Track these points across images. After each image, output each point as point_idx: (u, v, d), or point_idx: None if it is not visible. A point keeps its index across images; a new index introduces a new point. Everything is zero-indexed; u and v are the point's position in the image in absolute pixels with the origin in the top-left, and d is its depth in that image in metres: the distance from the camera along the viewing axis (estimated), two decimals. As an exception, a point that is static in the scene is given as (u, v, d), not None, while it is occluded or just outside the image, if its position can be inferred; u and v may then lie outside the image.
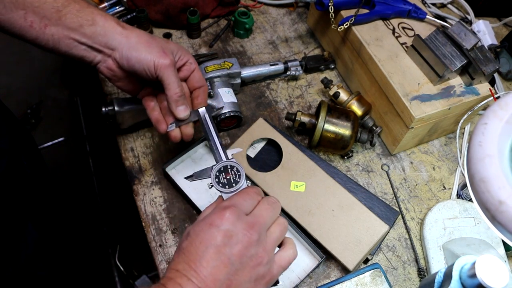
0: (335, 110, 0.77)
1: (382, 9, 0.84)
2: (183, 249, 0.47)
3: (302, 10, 1.04)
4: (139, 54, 0.59)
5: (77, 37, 0.58)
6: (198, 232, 0.47)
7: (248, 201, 0.51)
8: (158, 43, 0.61)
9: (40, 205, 0.83)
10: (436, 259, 0.70)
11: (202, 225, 0.48)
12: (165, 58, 0.59)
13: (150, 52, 0.59)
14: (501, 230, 0.37)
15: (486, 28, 0.98)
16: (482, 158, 0.38)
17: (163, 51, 0.60)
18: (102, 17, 0.59)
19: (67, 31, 0.57)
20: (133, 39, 0.60)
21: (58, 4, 0.56)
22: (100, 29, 0.58)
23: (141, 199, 0.73)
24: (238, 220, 0.47)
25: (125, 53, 0.59)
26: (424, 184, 0.81)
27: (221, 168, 0.58)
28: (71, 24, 0.57)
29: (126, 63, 0.60)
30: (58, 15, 0.56)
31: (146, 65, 0.59)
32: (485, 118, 0.40)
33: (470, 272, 0.46)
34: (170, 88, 0.60)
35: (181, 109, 0.62)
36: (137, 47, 0.59)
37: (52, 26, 0.56)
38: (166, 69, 0.60)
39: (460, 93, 0.77)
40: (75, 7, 0.57)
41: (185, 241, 0.48)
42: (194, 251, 0.46)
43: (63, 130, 1.92)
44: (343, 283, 0.66)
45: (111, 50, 0.60)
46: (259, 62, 0.93)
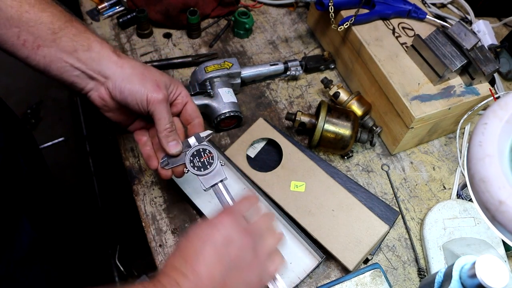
0: (335, 110, 0.77)
1: (382, 9, 0.84)
2: (180, 247, 0.48)
3: (302, 10, 1.04)
4: (132, 86, 0.58)
5: (71, 61, 0.56)
6: (198, 232, 0.48)
7: (247, 206, 0.53)
8: (153, 76, 0.59)
9: (38, 204, 0.83)
10: (436, 259, 0.70)
11: (203, 226, 0.49)
12: (158, 92, 0.58)
13: (144, 85, 0.58)
14: (501, 230, 0.37)
15: (486, 28, 0.97)
16: (482, 158, 0.38)
17: (157, 85, 0.59)
18: (98, 44, 0.58)
19: (60, 54, 0.55)
20: (128, 70, 0.58)
21: (54, 26, 0.55)
22: (95, 55, 0.57)
23: (141, 199, 0.73)
24: (238, 226, 0.49)
25: (118, 84, 0.58)
26: (424, 184, 0.81)
27: (194, 153, 0.60)
28: (66, 47, 0.55)
29: (118, 94, 0.58)
30: (53, 37, 0.55)
31: (139, 98, 0.58)
32: (485, 118, 0.40)
33: (470, 272, 0.46)
34: (161, 123, 0.59)
35: (172, 144, 0.60)
36: (131, 79, 0.58)
37: (45, 48, 0.55)
38: (158, 104, 0.58)
39: (460, 93, 0.77)
40: (72, 31, 0.56)
41: (183, 240, 0.48)
42: (192, 247, 0.47)
43: (63, 130, 1.92)
44: (343, 283, 0.66)
45: (104, 78, 0.58)
46: (259, 62, 0.93)
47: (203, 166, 0.59)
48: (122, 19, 0.93)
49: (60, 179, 1.69)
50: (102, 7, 0.96)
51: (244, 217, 0.52)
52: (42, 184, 0.89)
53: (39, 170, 0.90)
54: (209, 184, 0.59)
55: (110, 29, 0.94)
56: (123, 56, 0.59)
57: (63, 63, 0.56)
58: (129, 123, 0.65)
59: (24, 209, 0.73)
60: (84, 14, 0.96)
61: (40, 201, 0.85)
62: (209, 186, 0.60)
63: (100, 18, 0.96)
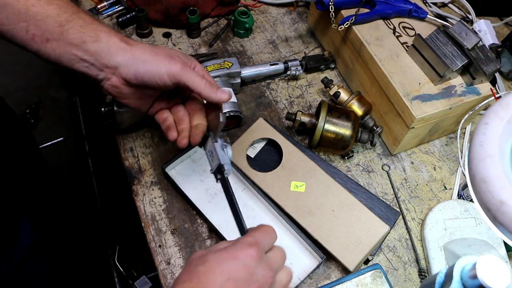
0: (335, 110, 0.77)
1: (383, 9, 0.83)
2: (199, 273, 0.45)
3: (302, 9, 1.04)
4: (146, 66, 0.57)
5: (79, 54, 0.56)
6: (220, 261, 0.46)
7: (269, 240, 0.51)
8: (163, 51, 0.59)
9: (38, 203, 0.83)
10: (437, 260, 0.69)
11: (225, 256, 0.47)
12: (175, 63, 0.58)
13: (158, 62, 0.58)
14: (502, 231, 0.37)
15: (487, 28, 0.97)
16: (483, 158, 0.38)
17: (170, 57, 0.58)
18: (106, 34, 0.57)
19: (69, 47, 0.55)
20: (138, 52, 0.58)
21: (61, 18, 0.55)
22: (103, 46, 0.57)
23: (140, 199, 0.73)
24: (261, 260, 0.47)
25: (132, 68, 0.57)
26: (425, 184, 0.80)
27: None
28: (74, 40, 0.55)
29: (134, 77, 0.58)
30: (60, 30, 0.55)
31: (157, 75, 0.57)
32: (486, 118, 0.40)
33: (471, 273, 0.46)
34: (197, 83, 0.58)
35: (220, 91, 0.59)
36: (144, 59, 0.58)
37: (53, 41, 0.55)
38: (181, 72, 0.58)
39: (461, 93, 0.77)
40: (79, 23, 0.56)
41: (201, 266, 0.46)
42: (213, 279, 0.44)
43: (62, 130, 1.91)
44: (343, 283, 0.66)
45: (114, 68, 0.58)
46: (259, 61, 0.93)
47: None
48: (121, 18, 0.93)
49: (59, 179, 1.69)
50: (102, 7, 0.95)
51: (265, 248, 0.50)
52: (42, 183, 0.89)
53: (39, 170, 0.90)
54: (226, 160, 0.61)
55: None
56: (132, 42, 0.59)
57: (72, 56, 0.56)
58: (149, 106, 0.64)
59: (25, 209, 0.73)
60: (84, 13, 0.96)
61: (40, 200, 0.85)
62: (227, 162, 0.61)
63: (100, 17, 0.95)
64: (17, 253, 0.69)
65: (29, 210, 0.75)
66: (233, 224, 0.60)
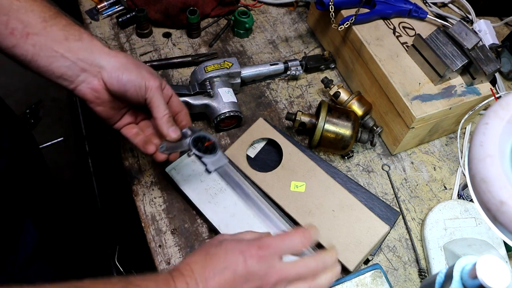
0: (335, 110, 0.77)
1: (383, 9, 0.83)
2: (209, 252, 0.48)
3: (302, 9, 1.04)
4: (130, 74, 0.58)
5: (62, 50, 0.55)
6: (229, 250, 0.48)
7: (289, 246, 0.50)
8: (145, 66, 0.60)
9: (40, 204, 0.83)
10: (437, 260, 0.69)
11: (236, 247, 0.48)
12: (155, 79, 0.59)
13: (140, 73, 0.58)
14: (502, 231, 0.37)
15: (487, 28, 0.97)
16: (483, 158, 0.38)
17: (151, 73, 0.60)
18: (89, 36, 0.57)
19: (51, 43, 0.54)
20: (122, 59, 0.58)
21: (45, 14, 0.54)
22: (87, 45, 0.56)
23: (140, 199, 0.73)
24: (266, 262, 0.48)
25: (115, 73, 0.57)
26: (425, 184, 0.80)
27: (195, 138, 0.61)
28: (57, 36, 0.54)
29: (116, 82, 0.57)
30: (43, 25, 0.54)
31: (137, 85, 0.58)
32: (486, 118, 0.40)
33: (471, 273, 0.46)
34: (160, 109, 0.59)
35: (172, 129, 0.60)
36: (128, 67, 0.58)
37: (35, 36, 0.53)
38: (156, 91, 0.59)
39: (461, 93, 0.77)
40: (62, 22, 0.56)
41: (214, 248, 0.49)
42: (215, 262, 0.47)
43: (62, 130, 1.91)
44: (343, 283, 0.66)
45: (98, 69, 0.57)
46: (259, 61, 0.93)
47: (207, 151, 0.61)
48: (121, 18, 0.93)
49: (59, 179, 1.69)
50: (102, 7, 0.95)
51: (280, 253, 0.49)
52: (43, 184, 0.89)
53: (40, 170, 0.90)
54: (215, 166, 0.62)
55: (110, 28, 0.94)
56: (113, 50, 0.59)
57: (53, 52, 0.55)
58: (117, 120, 0.64)
59: (28, 210, 0.73)
60: (83, 13, 0.96)
61: (41, 201, 0.85)
62: (215, 168, 0.61)
63: (100, 17, 0.96)
64: (21, 255, 0.68)
65: (32, 211, 0.75)
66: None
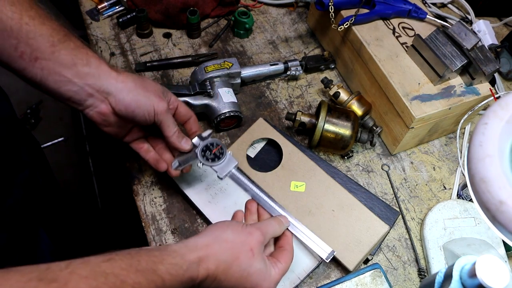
0: (335, 110, 0.77)
1: (382, 9, 0.83)
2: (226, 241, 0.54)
3: (302, 10, 1.04)
4: (138, 99, 0.58)
5: (69, 75, 0.55)
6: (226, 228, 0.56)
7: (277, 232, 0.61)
8: (152, 87, 0.61)
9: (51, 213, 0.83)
10: (437, 259, 0.70)
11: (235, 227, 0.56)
12: (163, 102, 0.60)
13: (149, 97, 0.59)
14: (502, 230, 0.37)
15: (486, 28, 0.97)
16: (482, 158, 0.38)
17: (159, 96, 0.60)
18: (97, 60, 0.57)
19: (59, 67, 0.54)
20: (130, 83, 0.58)
21: (54, 39, 0.54)
22: (94, 71, 0.56)
23: (141, 199, 0.73)
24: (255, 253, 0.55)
25: (123, 98, 0.58)
26: (425, 184, 0.81)
27: (203, 148, 0.64)
28: (65, 60, 0.55)
29: (124, 108, 0.58)
30: (52, 50, 0.54)
31: (146, 110, 0.59)
32: (485, 118, 0.40)
33: (470, 273, 0.46)
34: (170, 129, 0.62)
35: (184, 141, 0.63)
36: (135, 92, 0.58)
37: (43, 60, 0.54)
38: (165, 113, 0.61)
39: (460, 93, 0.77)
40: (70, 45, 0.55)
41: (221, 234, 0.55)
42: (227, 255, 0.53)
43: (62, 130, 1.92)
44: (343, 283, 0.66)
45: (105, 95, 0.58)
46: (259, 62, 0.93)
47: (216, 157, 0.64)
48: (121, 19, 0.93)
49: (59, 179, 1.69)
50: (102, 7, 0.95)
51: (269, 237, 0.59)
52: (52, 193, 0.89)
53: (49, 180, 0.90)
54: (224, 172, 0.64)
55: (110, 29, 0.94)
56: (121, 71, 0.59)
57: (61, 77, 0.55)
58: (125, 134, 0.65)
59: (41, 221, 0.74)
60: (84, 14, 0.96)
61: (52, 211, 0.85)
62: (225, 174, 0.64)
63: (100, 18, 0.96)
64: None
65: (45, 221, 0.75)
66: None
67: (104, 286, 0.39)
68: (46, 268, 0.37)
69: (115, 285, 0.40)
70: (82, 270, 0.39)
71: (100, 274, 0.40)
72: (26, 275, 0.35)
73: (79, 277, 0.38)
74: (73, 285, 0.37)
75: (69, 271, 0.38)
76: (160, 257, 0.47)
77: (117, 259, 0.43)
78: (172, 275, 0.47)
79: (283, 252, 0.60)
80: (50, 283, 0.35)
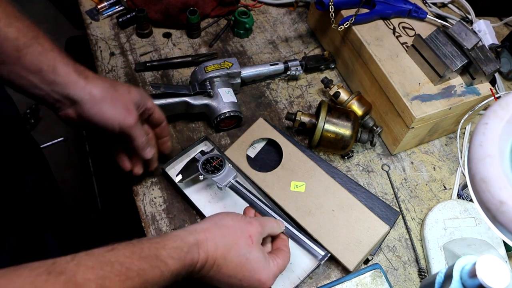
0: (335, 110, 0.77)
1: (383, 9, 0.83)
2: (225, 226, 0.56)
3: (302, 9, 1.04)
4: (104, 113, 0.58)
5: (35, 81, 0.54)
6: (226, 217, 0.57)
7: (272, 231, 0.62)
8: (122, 98, 0.60)
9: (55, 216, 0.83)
10: (437, 260, 0.69)
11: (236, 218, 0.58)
12: (130, 116, 0.60)
13: (115, 111, 0.58)
14: (502, 230, 0.37)
15: (486, 28, 0.97)
16: (482, 158, 0.38)
17: (127, 109, 0.60)
18: (64, 66, 0.55)
19: (25, 72, 0.53)
20: (97, 95, 0.57)
21: (19, 42, 0.52)
22: (61, 79, 0.55)
23: (140, 199, 0.73)
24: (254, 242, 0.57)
25: (88, 110, 0.57)
26: (425, 184, 0.80)
27: (204, 161, 0.70)
28: (30, 66, 0.53)
29: (89, 118, 0.58)
30: (17, 54, 0.52)
31: (110, 124, 0.59)
32: (486, 118, 0.40)
33: (471, 273, 0.46)
34: (137, 141, 0.63)
35: (148, 150, 0.65)
36: (102, 105, 0.57)
37: (9, 64, 0.53)
38: (131, 128, 0.60)
39: (460, 93, 0.77)
40: (37, 49, 0.54)
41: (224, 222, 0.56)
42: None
43: (62, 130, 1.91)
44: (343, 283, 0.66)
45: (72, 102, 0.57)
46: (259, 62, 0.93)
47: (216, 169, 0.69)
48: (121, 18, 0.93)
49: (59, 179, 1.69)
50: (102, 7, 0.95)
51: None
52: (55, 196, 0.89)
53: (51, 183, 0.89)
54: (224, 182, 0.69)
55: (110, 28, 0.94)
56: (91, 78, 0.58)
57: (28, 81, 0.54)
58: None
59: (47, 224, 0.74)
60: (84, 13, 0.96)
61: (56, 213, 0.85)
62: (224, 184, 0.69)
63: (100, 17, 0.96)
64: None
65: (50, 224, 0.75)
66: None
67: (111, 274, 0.39)
68: (52, 262, 0.37)
69: (121, 272, 0.40)
70: (87, 261, 0.39)
71: (105, 263, 0.40)
72: (35, 270, 0.36)
73: (85, 267, 0.38)
74: (80, 276, 0.37)
75: (75, 263, 0.38)
76: (161, 243, 0.48)
77: (120, 248, 0.43)
78: (174, 258, 0.47)
79: (281, 251, 0.61)
80: (59, 276, 0.36)
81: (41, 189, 0.73)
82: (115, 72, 0.87)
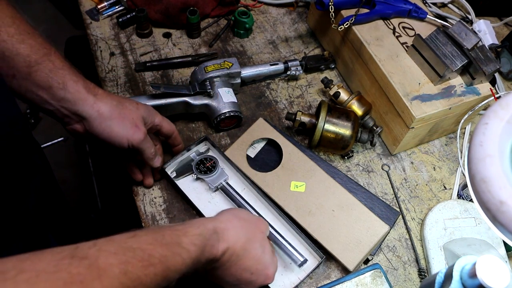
0: (335, 110, 0.77)
1: (383, 9, 0.83)
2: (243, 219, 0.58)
3: (302, 9, 1.04)
4: (112, 130, 0.59)
5: (45, 97, 0.56)
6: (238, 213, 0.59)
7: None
8: (130, 115, 0.61)
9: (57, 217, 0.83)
10: (437, 260, 0.69)
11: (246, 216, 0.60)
12: (138, 132, 0.61)
13: (123, 127, 0.60)
14: (502, 230, 0.37)
15: (486, 28, 0.97)
16: (483, 158, 0.38)
17: (136, 125, 0.61)
18: (74, 83, 0.57)
19: (35, 88, 0.55)
20: (105, 112, 0.59)
21: (31, 59, 0.54)
22: (70, 96, 0.56)
23: (140, 199, 0.73)
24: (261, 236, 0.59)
25: (97, 126, 0.59)
26: (425, 184, 0.80)
27: (198, 162, 0.73)
28: (41, 82, 0.55)
29: (97, 134, 0.59)
30: (28, 70, 0.54)
31: (118, 141, 0.60)
32: (486, 118, 0.40)
33: (470, 273, 0.46)
34: (146, 154, 0.65)
35: (156, 160, 0.68)
36: (110, 122, 0.59)
37: (20, 79, 0.54)
38: (140, 143, 0.62)
39: (460, 93, 0.77)
40: (48, 66, 0.55)
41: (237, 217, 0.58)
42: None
43: (62, 130, 1.91)
44: (343, 283, 0.66)
45: (81, 118, 0.58)
46: (259, 62, 0.93)
47: (208, 170, 0.72)
48: (121, 18, 0.93)
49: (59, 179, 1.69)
50: (102, 7, 0.95)
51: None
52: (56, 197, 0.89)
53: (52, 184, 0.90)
54: (215, 183, 0.71)
55: (110, 28, 0.94)
56: (100, 95, 0.59)
57: (37, 96, 0.56)
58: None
59: (49, 226, 0.74)
60: (84, 13, 0.96)
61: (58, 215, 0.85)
62: (215, 185, 0.71)
63: (100, 17, 0.96)
64: None
65: (52, 226, 0.75)
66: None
67: (133, 260, 0.40)
68: (75, 247, 0.38)
69: (143, 258, 0.41)
70: (109, 247, 0.39)
71: (127, 249, 0.40)
72: (58, 254, 0.36)
73: (107, 253, 0.39)
74: (103, 260, 0.37)
75: (97, 248, 0.39)
76: (183, 230, 0.48)
77: (141, 235, 0.44)
78: (196, 245, 0.48)
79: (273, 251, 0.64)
80: (82, 260, 0.36)
81: (45, 190, 0.74)
82: (115, 72, 0.87)
